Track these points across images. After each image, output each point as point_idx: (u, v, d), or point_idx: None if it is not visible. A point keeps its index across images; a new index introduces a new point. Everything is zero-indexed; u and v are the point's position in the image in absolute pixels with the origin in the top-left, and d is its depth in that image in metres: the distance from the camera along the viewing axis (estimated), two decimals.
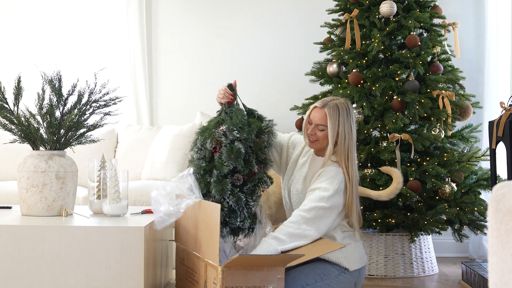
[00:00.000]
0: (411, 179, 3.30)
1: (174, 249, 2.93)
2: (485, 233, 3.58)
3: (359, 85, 3.53)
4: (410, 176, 3.30)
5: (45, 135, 2.78)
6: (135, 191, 3.50)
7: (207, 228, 2.39)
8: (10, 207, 3.05)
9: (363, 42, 3.60)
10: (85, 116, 2.83)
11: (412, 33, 3.54)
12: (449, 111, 3.42)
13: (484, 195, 3.60)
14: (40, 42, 4.54)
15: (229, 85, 2.64)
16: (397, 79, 3.51)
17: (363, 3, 3.63)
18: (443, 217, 3.40)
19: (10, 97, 2.83)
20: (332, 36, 3.79)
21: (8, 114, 2.76)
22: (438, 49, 3.60)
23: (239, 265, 2.26)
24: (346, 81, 3.58)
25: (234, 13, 4.52)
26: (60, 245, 2.41)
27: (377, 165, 3.37)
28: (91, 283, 2.40)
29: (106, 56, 4.51)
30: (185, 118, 4.38)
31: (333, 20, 3.79)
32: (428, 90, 3.50)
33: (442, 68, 3.59)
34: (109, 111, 2.90)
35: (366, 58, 3.57)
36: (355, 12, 3.57)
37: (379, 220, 3.36)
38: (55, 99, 2.80)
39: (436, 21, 3.74)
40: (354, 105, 3.49)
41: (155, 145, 4.01)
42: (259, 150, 2.52)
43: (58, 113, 2.79)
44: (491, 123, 3.06)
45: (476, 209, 3.43)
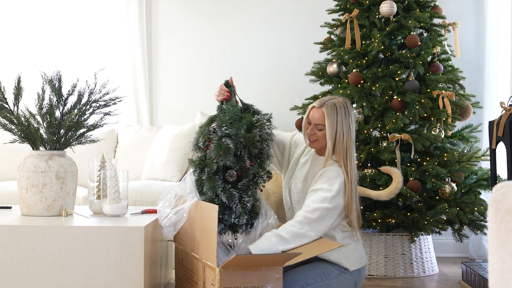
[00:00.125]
0: (411, 179, 3.30)
1: (173, 249, 2.93)
2: (485, 233, 3.57)
3: (359, 85, 3.53)
4: (410, 176, 3.30)
5: (45, 135, 2.78)
6: (135, 191, 3.50)
7: (205, 229, 2.38)
8: (10, 207, 3.05)
9: (363, 42, 3.60)
10: (85, 116, 2.83)
11: (412, 33, 3.54)
12: (449, 111, 3.42)
13: (484, 195, 3.60)
14: (40, 42, 4.54)
15: (226, 82, 2.65)
16: (397, 79, 3.50)
17: (363, 3, 3.63)
18: (443, 217, 3.39)
19: (10, 97, 2.83)
20: (332, 36, 3.79)
21: (8, 114, 2.76)
22: (438, 49, 3.60)
23: (236, 265, 2.25)
24: (346, 81, 3.57)
25: (234, 13, 4.52)
26: (60, 245, 2.41)
27: (377, 165, 3.37)
28: (91, 283, 2.40)
29: (106, 56, 4.51)
30: (185, 118, 4.38)
31: (333, 20, 3.79)
32: (428, 90, 3.50)
33: (442, 68, 3.59)
34: (109, 111, 2.90)
35: (366, 58, 3.57)
36: (355, 12, 3.57)
37: (379, 220, 3.36)
38: (55, 99, 2.80)
39: (436, 21, 3.74)
40: (354, 105, 3.49)
41: (155, 145, 4.01)
42: (251, 145, 2.47)
43: (58, 113, 2.79)
44: (491, 123, 3.06)
45: (476, 209, 3.43)
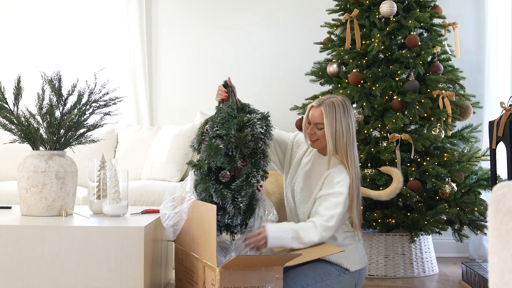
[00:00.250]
0: (411, 179, 3.30)
1: (173, 249, 2.92)
2: (485, 233, 3.57)
3: (359, 85, 3.52)
4: (410, 176, 3.30)
5: (45, 135, 2.78)
6: (135, 191, 3.50)
7: (204, 229, 2.38)
8: (10, 207, 3.05)
9: (363, 42, 3.60)
10: (85, 116, 2.83)
11: (412, 33, 3.54)
12: (449, 111, 3.42)
13: (484, 195, 3.59)
14: (40, 42, 4.54)
15: (224, 83, 2.66)
16: (397, 79, 3.50)
17: (363, 3, 3.63)
18: (443, 217, 3.39)
19: (10, 97, 2.83)
20: (332, 36, 3.78)
21: (8, 114, 2.76)
22: (438, 49, 3.59)
23: (237, 265, 2.25)
24: (346, 81, 3.57)
25: (234, 13, 4.52)
26: (60, 245, 2.41)
27: (377, 165, 3.37)
28: (91, 283, 2.40)
29: (106, 56, 4.50)
30: (185, 118, 4.38)
31: (333, 20, 3.79)
32: (428, 90, 3.50)
33: (442, 68, 3.59)
34: (109, 111, 2.89)
35: (366, 58, 3.57)
36: (355, 12, 3.57)
37: (379, 220, 3.36)
38: (55, 99, 2.79)
39: (436, 21, 3.74)
40: (354, 105, 3.49)
41: (155, 145, 4.01)
42: (243, 145, 2.45)
43: (58, 113, 2.79)
44: (491, 123, 3.05)
45: (476, 209, 3.43)
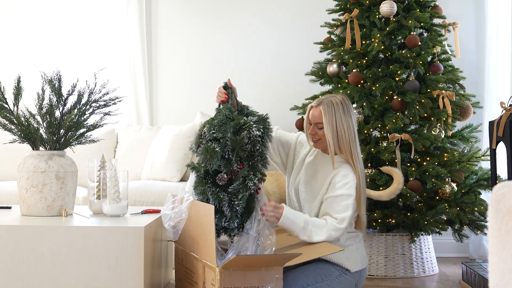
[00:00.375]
0: (411, 179, 3.30)
1: (173, 249, 2.92)
2: (485, 233, 3.57)
3: (359, 85, 3.52)
4: (410, 176, 3.30)
5: (45, 135, 2.78)
6: (135, 191, 3.50)
7: (203, 230, 2.38)
8: (10, 207, 3.05)
9: (363, 42, 3.60)
10: (85, 116, 2.83)
11: (412, 33, 3.54)
12: (449, 111, 3.41)
13: (484, 195, 3.59)
14: (40, 42, 4.54)
15: (225, 84, 2.65)
16: (397, 79, 3.50)
17: (363, 3, 3.63)
18: (443, 217, 3.39)
19: (10, 97, 2.83)
20: (332, 36, 3.78)
21: (8, 114, 2.76)
22: (438, 49, 3.59)
23: (236, 265, 2.25)
24: (346, 81, 3.57)
25: (234, 13, 4.52)
26: (60, 245, 2.41)
27: (377, 165, 3.37)
28: (91, 283, 2.40)
29: (106, 56, 4.50)
30: (185, 118, 4.38)
31: (333, 20, 3.79)
32: (428, 90, 3.49)
33: (442, 68, 3.58)
34: (109, 111, 2.89)
35: (366, 58, 3.56)
36: (355, 12, 3.56)
37: (379, 220, 3.36)
38: (55, 99, 2.79)
39: (436, 21, 3.74)
40: (354, 105, 3.49)
41: (155, 145, 4.01)
42: (240, 148, 2.44)
43: (58, 113, 2.79)
44: (491, 123, 3.05)
45: (476, 209, 3.43)
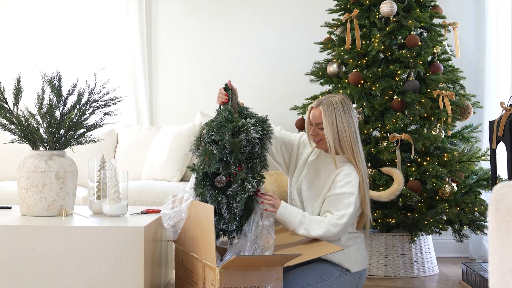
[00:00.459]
0: (411, 179, 3.29)
1: (173, 249, 2.92)
2: (485, 233, 3.57)
3: (359, 85, 3.52)
4: (410, 176, 3.30)
5: (44, 135, 2.78)
6: (135, 191, 3.50)
7: (203, 230, 2.38)
8: (9, 207, 3.05)
9: (363, 42, 3.60)
10: (85, 116, 2.83)
11: (412, 33, 3.54)
12: (449, 111, 3.41)
13: (484, 195, 3.59)
14: (40, 42, 4.54)
15: (225, 85, 2.65)
16: (397, 79, 3.50)
17: (363, 3, 3.63)
18: (443, 217, 3.39)
19: (10, 97, 2.83)
20: (332, 36, 3.78)
21: (8, 114, 2.76)
22: (438, 49, 3.59)
23: (236, 265, 2.25)
24: (346, 81, 3.57)
25: (234, 13, 4.52)
26: (60, 245, 2.41)
27: (378, 165, 3.37)
28: (91, 283, 2.40)
29: (106, 56, 4.50)
30: (185, 118, 4.38)
31: (333, 20, 3.79)
32: (428, 90, 3.49)
33: (442, 68, 3.58)
34: (109, 111, 2.89)
35: (366, 58, 3.56)
36: (355, 12, 3.56)
37: (379, 220, 3.36)
38: (55, 99, 2.79)
39: (436, 21, 3.74)
40: (354, 105, 3.49)
41: (155, 145, 4.01)
42: (238, 150, 2.43)
43: (58, 113, 2.79)
44: (491, 123, 3.05)
45: (476, 209, 3.42)
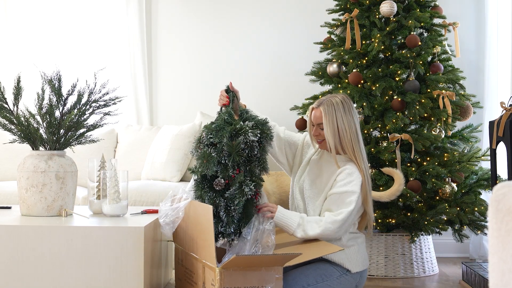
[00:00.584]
0: (411, 179, 3.29)
1: (173, 249, 2.92)
2: (485, 233, 3.57)
3: (359, 85, 3.52)
4: (411, 176, 3.30)
5: (44, 135, 2.78)
6: (135, 191, 3.50)
7: (202, 230, 2.38)
8: (10, 207, 3.05)
9: (363, 42, 3.60)
10: (85, 116, 2.83)
11: (412, 33, 3.54)
12: (450, 111, 3.41)
13: (484, 195, 3.59)
14: (40, 42, 4.54)
15: (227, 87, 2.65)
16: (397, 79, 3.50)
17: (364, 3, 3.63)
18: (444, 217, 3.39)
19: (10, 97, 2.83)
20: (332, 36, 3.78)
21: (7, 114, 2.76)
22: (438, 49, 3.59)
23: (236, 265, 2.25)
24: (346, 81, 3.57)
25: (234, 13, 4.52)
26: (60, 245, 2.41)
27: (378, 165, 3.37)
28: (91, 283, 2.40)
29: (106, 56, 4.50)
30: (185, 118, 4.38)
31: (333, 20, 3.78)
32: (429, 90, 3.49)
33: (443, 68, 3.58)
34: (109, 111, 2.89)
35: (366, 58, 3.56)
36: (355, 12, 3.56)
37: (379, 220, 3.35)
38: (54, 99, 2.79)
39: (436, 21, 3.74)
40: (354, 105, 3.49)
41: (155, 145, 4.01)
42: (236, 153, 2.42)
43: (57, 113, 2.79)
44: (491, 123, 3.05)
45: (476, 209, 3.42)
